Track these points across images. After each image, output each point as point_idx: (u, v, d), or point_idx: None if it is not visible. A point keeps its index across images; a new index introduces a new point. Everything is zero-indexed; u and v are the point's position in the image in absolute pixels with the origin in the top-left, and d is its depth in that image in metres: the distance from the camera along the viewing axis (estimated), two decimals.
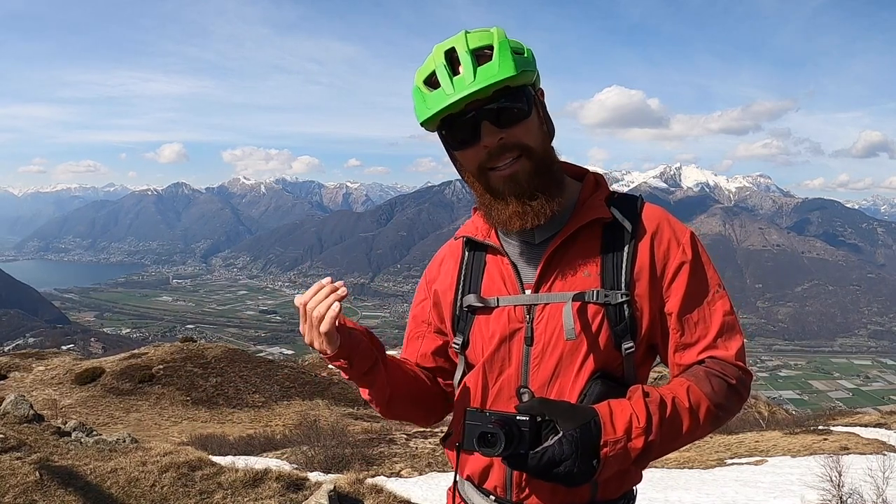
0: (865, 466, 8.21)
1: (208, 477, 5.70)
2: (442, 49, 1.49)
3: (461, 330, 1.67)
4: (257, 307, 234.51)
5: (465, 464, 1.64)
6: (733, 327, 1.54)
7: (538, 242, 1.60)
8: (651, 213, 1.60)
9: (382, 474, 11.05)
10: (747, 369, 1.54)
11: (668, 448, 1.42)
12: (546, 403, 1.35)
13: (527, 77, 1.48)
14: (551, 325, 1.52)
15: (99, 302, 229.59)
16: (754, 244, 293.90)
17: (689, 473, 11.53)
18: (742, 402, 1.53)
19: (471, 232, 1.69)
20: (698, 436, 1.47)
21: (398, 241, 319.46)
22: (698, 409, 1.43)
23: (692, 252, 1.56)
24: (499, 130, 1.47)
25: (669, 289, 1.54)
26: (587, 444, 1.30)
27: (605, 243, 1.56)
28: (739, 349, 1.53)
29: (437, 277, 1.78)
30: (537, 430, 1.33)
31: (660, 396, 1.41)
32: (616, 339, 1.50)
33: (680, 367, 1.55)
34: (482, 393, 1.60)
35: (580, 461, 1.28)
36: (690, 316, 1.53)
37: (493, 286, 1.62)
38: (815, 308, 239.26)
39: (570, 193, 1.62)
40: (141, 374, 24.26)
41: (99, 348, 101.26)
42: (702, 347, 1.53)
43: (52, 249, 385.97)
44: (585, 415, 1.33)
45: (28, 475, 5.22)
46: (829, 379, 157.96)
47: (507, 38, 1.48)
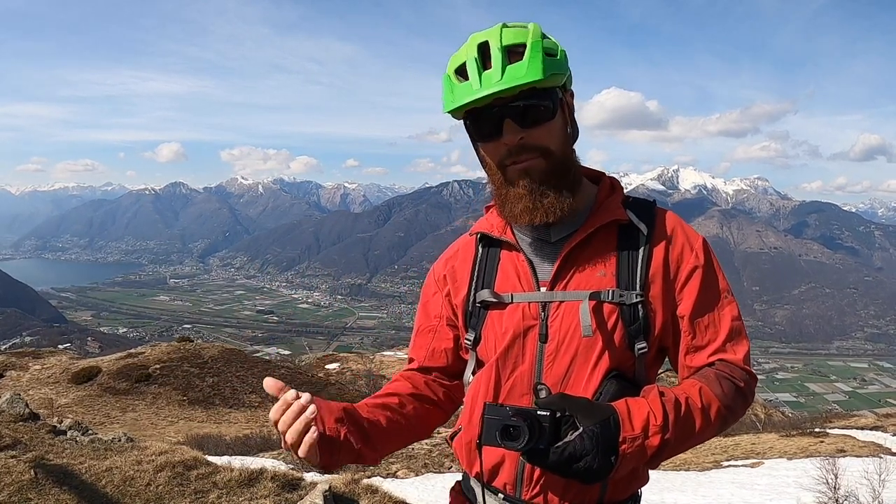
0: (862, 469, 8.23)
1: (204, 476, 5.69)
2: (476, 41, 1.50)
3: (473, 326, 1.67)
4: (254, 307, 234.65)
5: (474, 461, 1.63)
6: (741, 332, 1.58)
7: (554, 241, 1.62)
8: (665, 217, 1.64)
9: (378, 475, 11.02)
10: (753, 373, 1.58)
11: (681, 447, 1.43)
12: (566, 399, 1.35)
13: (555, 80, 1.49)
14: (566, 322, 1.53)
15: (96, 301, 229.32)
16: (752, 246, 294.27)
17: (685, 475, 11.54)
18: (748, 405, 1.56)
19: (486, 228, 1.70)
20: (708, 436, 1.49)
21: (396, 241, 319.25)
22: (710, 409, 1.45)
23: (704, 257, 1.59)
24: (520, 129, 1.49)
25: (682, 292, 1.57)
26: (607, 441, 1.30)
27: (620, 244, 1.58)
28: (746, 353, 1.57)
29: (449, 272, 1.78)
30: (556, 426, 1.33)
31: (674, 396, 1.43)
32: (630, 339, 1.52)
33: (690, 370, 1.58)
34: (494, 389, 1.60)
35: (600, 457, 1.29)
36: (701, 319, 1.56)
37: (508, 282, 1.64)
38: (812, 311, 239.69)
39: (587, 195, 1.65)
40: (137, 373, 24.24)
41: (96, 347, 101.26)
42: (712, 350, 1.56)
43: (49, 248, 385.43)
44: (605, 411, 1.34)
45: (23, 473, 5.21)
46: (825, 382, 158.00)
47: (542, 37, 1.49)
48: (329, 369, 36.25)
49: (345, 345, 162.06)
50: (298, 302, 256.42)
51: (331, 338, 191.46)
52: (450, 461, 12.55)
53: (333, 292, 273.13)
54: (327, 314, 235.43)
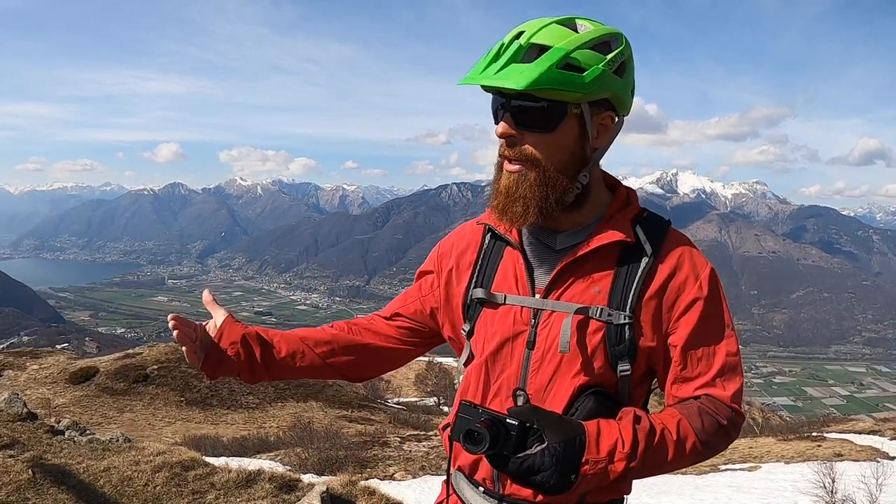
0: (859, 473, 8.25)
1: (201, 477, 5.69)
2: (517, 29, 1.47)
3: (469, 318, 1.67)
4: (253, 308, 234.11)
5: (458, 454, 1.66)
6: (735, 368, 1.54)
7: (558, 249, 1.59)
8: (675, 241, 1.59)
9: (376, 477, 11.03)
10: (741, 411, 1.55)
11: (648, 473, 1.43)
12: (536, 412, 1.36)
13: (563, 95, 1.44)
14: (553, 332, 1.53)
15: (94, 301, 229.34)
16: (750, 250, 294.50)
17: (682, 479, 11.53)
18: (730, 442, 1.55)
19: (494, 223, 1.66)
20: (681, 466, 1.48)
21: (394, 243, 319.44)
22: (685, 442, 1.44)
23: (709, 289, 1.54)
24: (513, 127, 1.48)
25: (678, 321, 1.53)
26: (568, 460, 1.31)
27: (621, 263, 1.55)
28: (737, 391, 1.53)
29: (454, 256, 1.78)
30: (524, 436, 1.34)
31: (650, 424, 1.41)
32: (613, 358, 1.50)
33: (675, 399, 1.56)
34: (484, 387, 1.61)
35: (557, 475, 1.30)
36: (695, 352, 1.53)
37: (504, 282, 1.63)
38: (810, 315, 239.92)
39: (600, 204, 1.61)
40: (135, 374, 24.18)
41: (93, 348, 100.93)
42: (700, 384, 1.53)
43: (47, 248, 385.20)
44: (572, 430, 1.34)
45: (21, 473, 5.21)
46: (823, 386, 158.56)
47: (581, 47, 1.44)
48: None
49: None
50: (296, 303, 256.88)
51: None
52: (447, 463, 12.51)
53: (331, 294, 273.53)
54: (325, 316, 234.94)
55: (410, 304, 1.85)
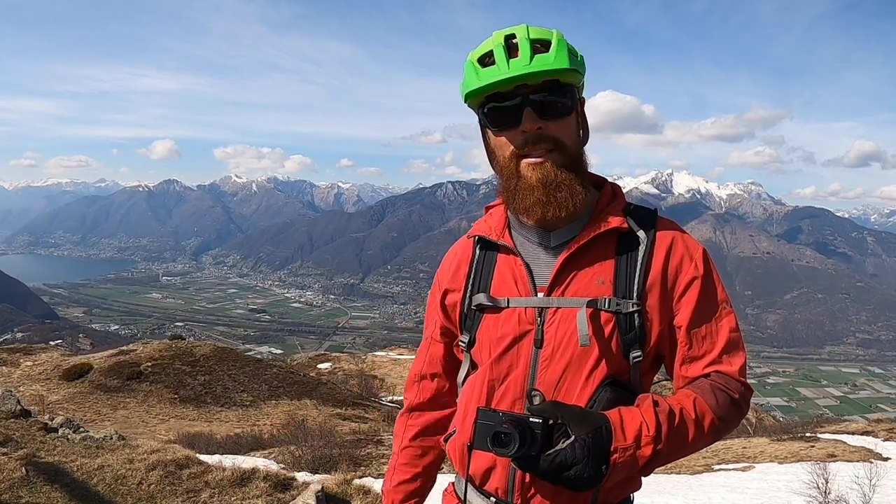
0: (852, 474, 8.26)
1: (196, 475, 5.68)
2: (502, 34, 1.52)
3: (468, 328, 1.67)
4: (247, 306, 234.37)
5: (467, 464, 1.64)
6: (738, 344, 1.58)
7: (553, 246, 1.61)
8: (665, 226, 1.63)
9: (370, 475, 11.00)
10: (748, 385, 1.57)
11: (673, 456, 1.44)
12: (559, 407, 1.35)
13: (575, 77, 1.53)
14: (563, 329, 1.53)
15: (88, 298, 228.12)
16: (744, 251, 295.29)
17: (675, 479, 11.53)
18: (742, 416, 1.56)
19: (484, 231, 1.70)
20: (701, 446, 1.49)
21: (389, 242, 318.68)
22: (703, 420, 1.45)
23: (704, 268, 1.59)
24: (539, 120, 1.51)
25: (680, 302, 1.57)
26: (598, 450, 1.30)
27: (619, 252, 1.58)
28: (742, 365, 1.56)
29: (447, 276, 1.79)
30: (549, 433, 1.34)
31: (668, 406, 1.42)
32: (625, 347, 1.52)
33: (685, 380, 1.58)
34: (488, 393, 1.61)
35: (591, 466, 1.29)
36: (699, 330, 1.56)
37: (504, 286, 1.63)
38: (804, 316, 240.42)
39: (589, 200, 1.63)
40: (129, 371, 24.11)
41: (87, 344, 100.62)
42: (708, 361, 1.55)
43: (41, 244, 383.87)
44: (597, 420, 1.34)
45: (14, 471, 5.19)
46: (816, 386, 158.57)
47: (564, 39, 1.53)
48: (321, 369, 36.19)
49: (337, 344, 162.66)
50: (291, 301, 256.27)
51: (323, 337, 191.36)
52: (442, 462, 12.52)
53: (326, 292, 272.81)
54: (320, 313, 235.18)
55: (437, 322, 1.84)
